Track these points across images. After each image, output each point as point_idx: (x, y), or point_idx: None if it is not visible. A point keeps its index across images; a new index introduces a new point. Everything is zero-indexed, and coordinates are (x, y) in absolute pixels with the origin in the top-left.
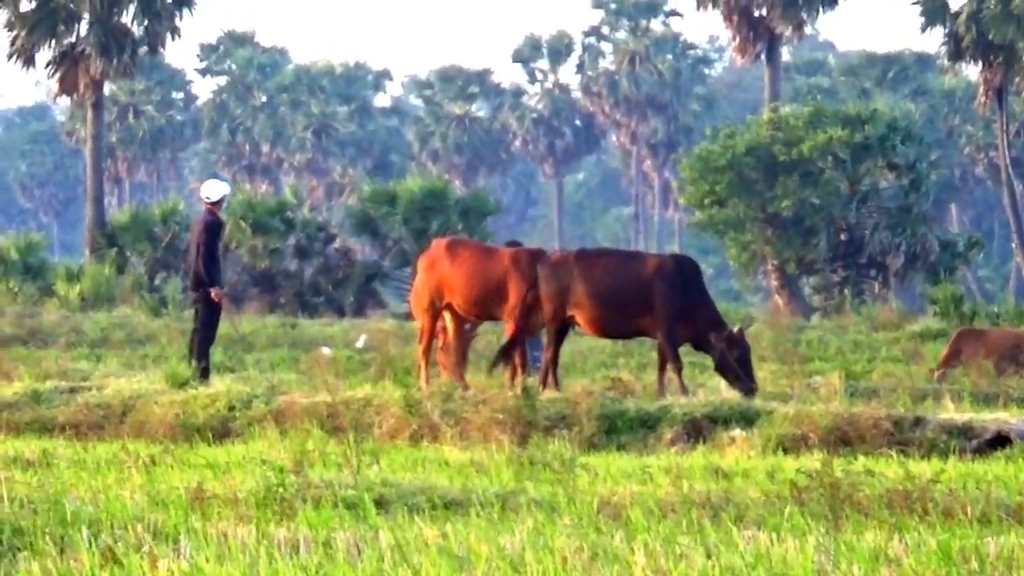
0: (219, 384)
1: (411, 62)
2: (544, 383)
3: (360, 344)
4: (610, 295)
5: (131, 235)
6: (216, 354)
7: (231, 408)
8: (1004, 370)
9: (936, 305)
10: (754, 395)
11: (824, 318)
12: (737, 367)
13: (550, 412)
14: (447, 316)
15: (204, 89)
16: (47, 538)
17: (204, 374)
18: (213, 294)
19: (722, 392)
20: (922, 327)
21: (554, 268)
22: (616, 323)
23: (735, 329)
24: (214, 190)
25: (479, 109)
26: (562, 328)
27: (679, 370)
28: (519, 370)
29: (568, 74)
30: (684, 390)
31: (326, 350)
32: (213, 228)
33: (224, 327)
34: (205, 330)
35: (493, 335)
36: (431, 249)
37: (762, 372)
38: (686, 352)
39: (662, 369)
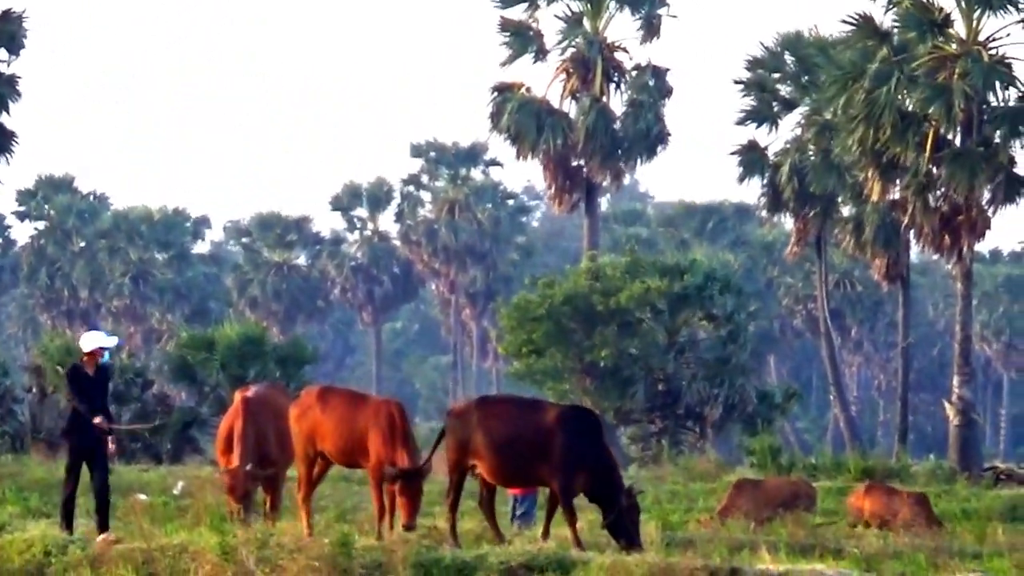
0: (34, 529)
1: (230, 209)
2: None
3: (177, 491)
4: (509, 444)
5: None
6: (32, 498)
7: (47, 553)
8: (779, 519)
9: (753, 456)
10: (640, 551)
11: (641, 468)
12: (630, 525)
13: (366, 560)
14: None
15: (22, 233)
16: None
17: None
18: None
19: (539, 541)
20: (739, 478)
21: (457, 418)
22: (515, 472)
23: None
24: (85, 342)
25: (297, 256)
26: (462, 478)
27: (573, 524)
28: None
29: (387, 222)
30: (579, 543)
31: (142, 496)
32: (68, 378)
33: (40, 471)
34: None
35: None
36: (302, 398)
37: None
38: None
39: (549, 515)
